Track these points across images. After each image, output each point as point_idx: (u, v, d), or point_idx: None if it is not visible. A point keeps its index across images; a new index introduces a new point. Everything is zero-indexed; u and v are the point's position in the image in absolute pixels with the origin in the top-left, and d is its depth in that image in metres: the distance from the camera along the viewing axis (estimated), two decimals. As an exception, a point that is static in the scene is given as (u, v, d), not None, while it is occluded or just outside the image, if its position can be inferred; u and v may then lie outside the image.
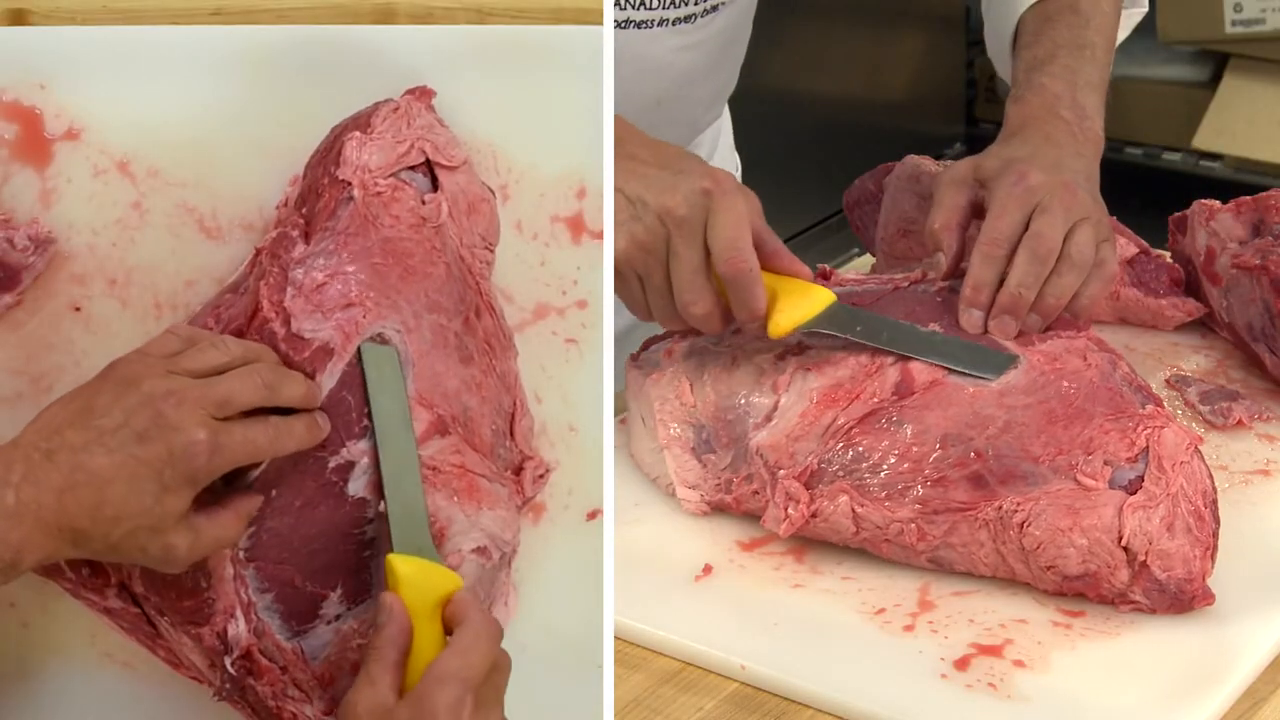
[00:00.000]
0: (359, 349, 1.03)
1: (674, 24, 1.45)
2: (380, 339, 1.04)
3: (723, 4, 1.47)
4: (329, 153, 1.07)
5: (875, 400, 1.16)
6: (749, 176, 1.80)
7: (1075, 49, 1.37)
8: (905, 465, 1.13)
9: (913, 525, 1.13)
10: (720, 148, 1.68)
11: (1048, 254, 1.21)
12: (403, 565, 0.99)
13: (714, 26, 1.48)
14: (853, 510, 1.14)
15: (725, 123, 1.71)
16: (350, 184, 1.05)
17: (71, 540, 0.91)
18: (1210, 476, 1.13)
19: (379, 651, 0.95)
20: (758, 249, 1.18)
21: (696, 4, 1.44)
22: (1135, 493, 1.10)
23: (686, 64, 1.48)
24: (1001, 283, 1.21)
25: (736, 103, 1.74)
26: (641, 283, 1.20)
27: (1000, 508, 1.11)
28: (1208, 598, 1.09)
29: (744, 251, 1.16)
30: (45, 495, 0.89)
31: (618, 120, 1.23)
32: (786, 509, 1.16)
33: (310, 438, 0.99)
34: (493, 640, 0.96)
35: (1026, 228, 1.22)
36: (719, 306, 1.18)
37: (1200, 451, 1.13)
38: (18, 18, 1.12)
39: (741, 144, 1.72)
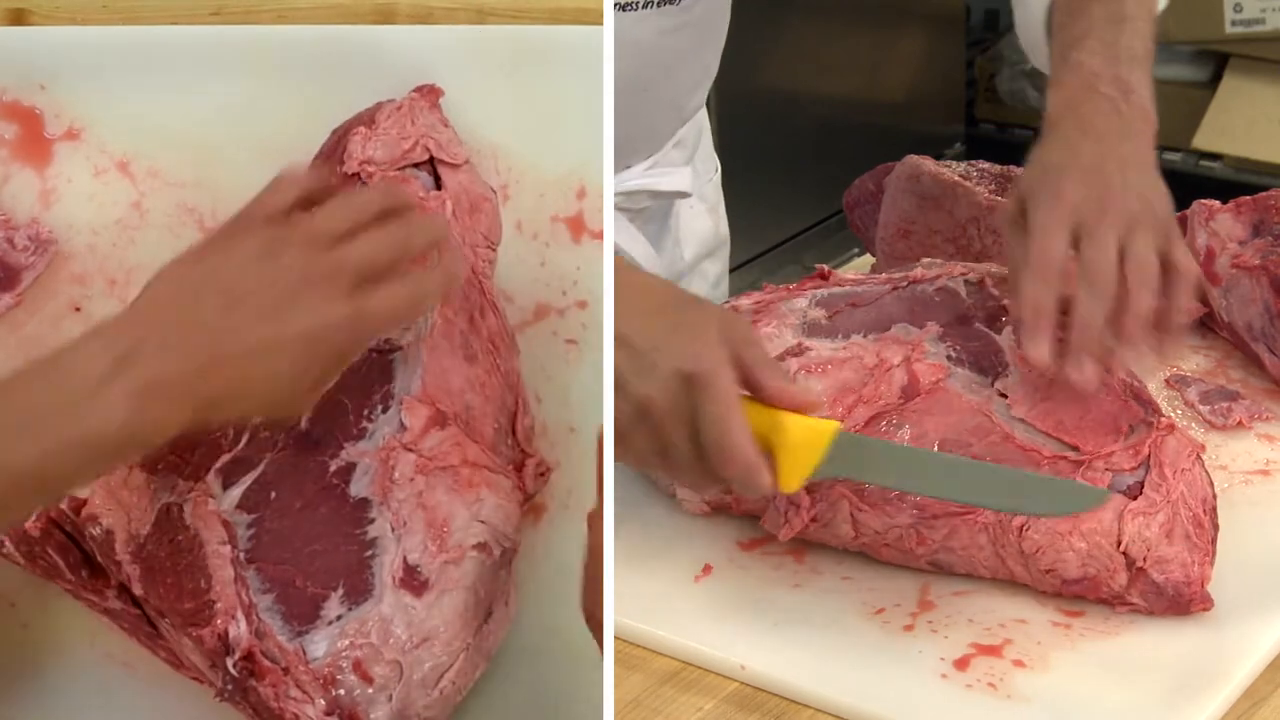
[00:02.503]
0: None
1: (659, 5, 1.42)
2: (389, 345, 1.04)
3: None
4: (334, 152, 1.07)
5: (881, 403, 1.16)
6: (750, 178, 1.80)
7: (1113, 24, 1.28)
8: (904, 470, 1.13)
9: (912, 530, 1.13)
10: (701, 149, 1.65)
11: (1106, 285, 1.12)
12: None
13: (698, 9, 1.47)
14: (852, 516, 1.14)
15: (705, 120, 1.68)
16: (358, 176, 1.05)
17: (207, 412, 0.88)
18: (1211, 484, 1.12)
19: None
20: (754, 390, 1.04)
21: None
22: (1136, 498, 1.10)
23: (672, 46, 1.47)
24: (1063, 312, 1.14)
25: (737, 102, 1.74)
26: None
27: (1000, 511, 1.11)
28: (1206, 602, 1.09)
29: (737, 449, 1.00)
30: (183, 367, 0.86)
31: (619, 264, 1.08)
32: (786, 513, 1.16)
33: (449, 283, 0.97)
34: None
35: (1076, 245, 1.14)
36: (743, 469, 1.03)
37: (1202, 459, 1.13)
38: (18, 18, 1.12)
39: (741, 144, 1.71)
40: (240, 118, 1.10)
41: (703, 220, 1.63)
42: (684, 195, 1.57)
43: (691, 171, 1.60)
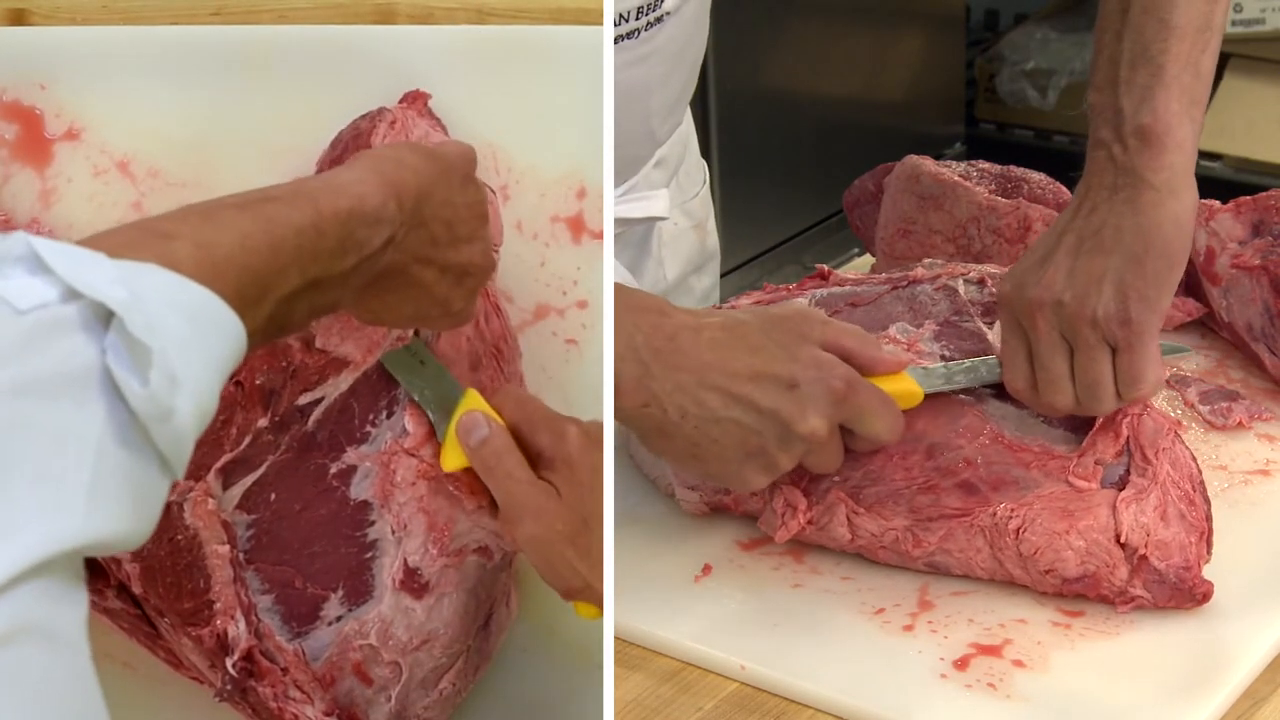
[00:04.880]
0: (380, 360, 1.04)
1: (618, 41, 1.35)
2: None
3: (668, 14, 1.38)
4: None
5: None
6: (750, 178, 1.79)
7: (1115, 38, 1.12)
8: (898, 473, 1.13)
9: (908, 533, 1.13)
10: (688, 159, 1.59)
11: (1060, 401, 1.11)
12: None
13: (661, 37, 1.40)
14: (848, 519, 1.14)
15: (690, 130, 1.62)
16: None
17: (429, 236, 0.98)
18: (1194, 459, 1.13)
19: (500, 455, 1.01)
20: (855, 366, 1.10)
21: (639, 18, 1.36)
22: (1124, 487, 1.10)
23: (637, 79, 1.40)
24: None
25: (737, 102, 1.72)
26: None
27: (995, 514, 1.11)
28: (1205, 586, 1.09)
29: (897, 422, 1.11)
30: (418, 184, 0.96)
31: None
32: (783, 516, 1.16)
33: None
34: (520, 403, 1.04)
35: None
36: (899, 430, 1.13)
37: (1180, 436, 1.13)
38: (18, 18, 1.12)
39: (741, 144, 1.70)
40: (241, 118, 1.10)
41: (686, 238, 1.58)
42: (662, 219, 1.52)
43: (676, 188, 1.55)
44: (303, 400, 1.04)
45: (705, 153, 1.70)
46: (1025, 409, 1.15)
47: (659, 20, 1.38)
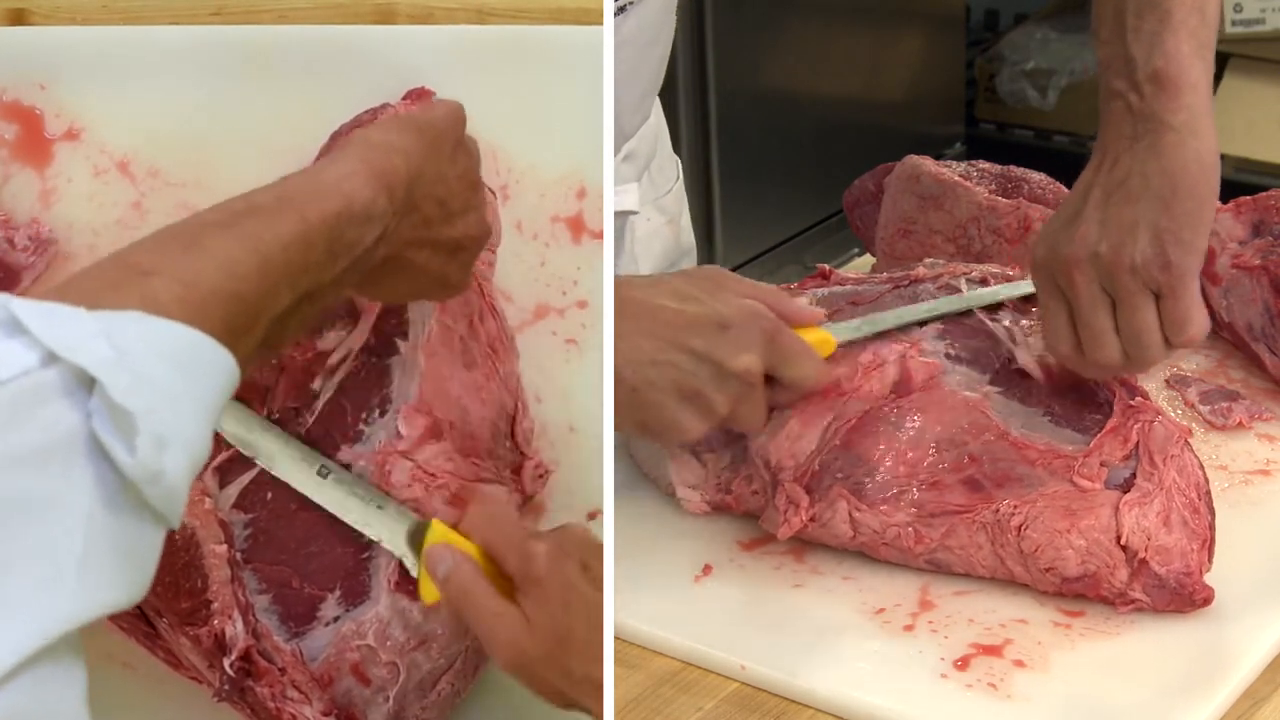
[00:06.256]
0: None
1: None
2: (389, 348, 1.05)
3: (630, 3, 1.37)
4: None
5: (874, 398, 1.16)
6: (750, 178, 1.78)
7: None
8: (901, 469, 1.13)
9: (910, 529, 1.13)
10: (659, 155, 1.58)
11: (1107, 357, 1.10)
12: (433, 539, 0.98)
13: (625, 30, 1.39)
14: (850, 515, 1.14)
15: (661, 125, 1.61)
16: None
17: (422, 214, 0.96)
18: (1202, 468, 1.13)
19: (466, 589, 0.96)
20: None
21: None
22: (1129, 490, 1.10)
23: None
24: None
25: (737, 102, 1.72)
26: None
27: (997, 511, 1.11)
28: (1206, 592, 1.09)
29: (814, 357, 1.14)
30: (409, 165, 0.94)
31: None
32: (785, 512, 1.16)
33: None
34: (501, 504, 1.03)
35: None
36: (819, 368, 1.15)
37: (1189, 444, 1.13)
38: (18, 18, 1.12)
39: (741, 144, 1.69)
40: (240, 118, 1.10)
41: (660, 233, 1.58)
42: (631, 213, 1.51)
43: (648, 183, 1.54)
44: (297, 401, 1.04)
45: (705, 153, 1.70)
46: (1032, 406, 1.15)
47: (622, 10, 1.37)
